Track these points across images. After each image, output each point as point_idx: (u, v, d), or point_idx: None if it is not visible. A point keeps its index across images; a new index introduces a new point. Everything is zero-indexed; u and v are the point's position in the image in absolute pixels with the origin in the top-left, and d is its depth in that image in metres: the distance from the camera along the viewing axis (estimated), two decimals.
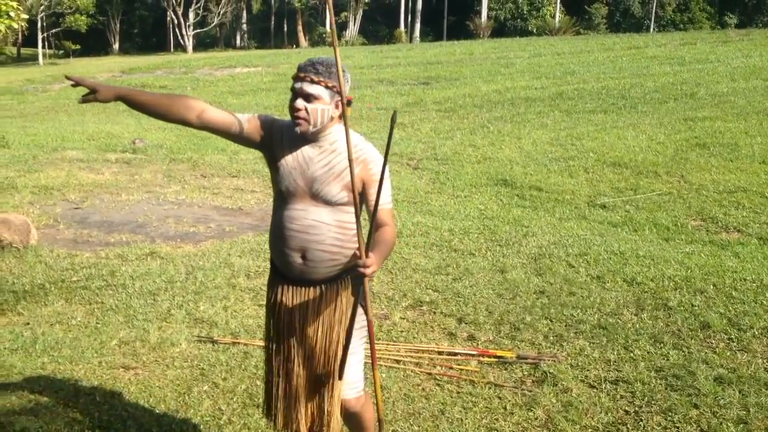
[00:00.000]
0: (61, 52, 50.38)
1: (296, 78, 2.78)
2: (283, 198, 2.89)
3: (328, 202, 2.83)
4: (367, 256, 2.65)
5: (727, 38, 27.84)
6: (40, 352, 4.75)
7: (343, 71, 2.71)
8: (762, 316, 5.19)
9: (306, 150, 2.85)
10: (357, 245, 2.88)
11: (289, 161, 2.85)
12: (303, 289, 2.95)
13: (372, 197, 2.81)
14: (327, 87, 2.74)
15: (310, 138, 2.82)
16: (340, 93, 2.72)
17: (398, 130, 15.01)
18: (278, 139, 2.88)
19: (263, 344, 3.11)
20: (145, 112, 2.81)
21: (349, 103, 2.77)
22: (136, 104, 2.79)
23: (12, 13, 13.21)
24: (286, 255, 2.90)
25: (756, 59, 21.04)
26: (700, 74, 19.10)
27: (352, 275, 2.89)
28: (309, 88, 2.74)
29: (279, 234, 2.91)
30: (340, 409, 3.00)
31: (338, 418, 3.00)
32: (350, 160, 2.69)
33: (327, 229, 2.84)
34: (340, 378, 2.92)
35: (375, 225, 2.81)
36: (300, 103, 2.75)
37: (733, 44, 25.50)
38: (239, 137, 2.87)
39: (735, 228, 7.90)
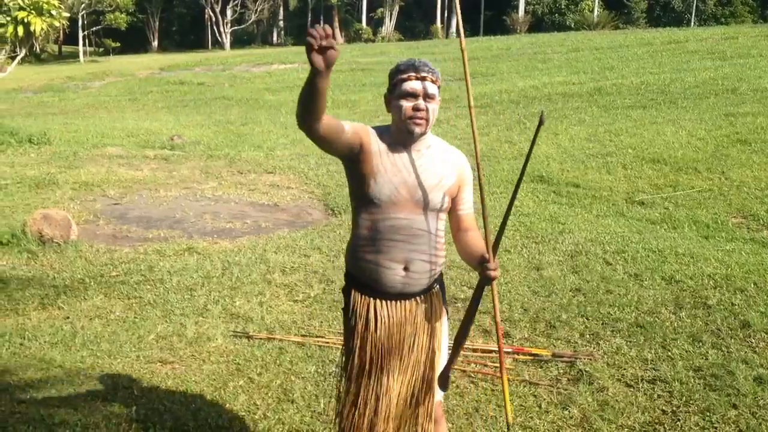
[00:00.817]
0: (101, 49, 51.10)
1: (414, 78, 2.70)
2: (378, 208, 2.73)
3: (432, 210, 2.76)
4: (493, 260, 2.63)
5: None
6: (80, 346, 4.83)
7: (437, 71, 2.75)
8: None
9: (405, 157, 2.76)
10: (444, 253, 2.87)
11: (389, 169, 2.71)
12: (400, 303, 2.81)
13: (465, 202, 2.88)
14: (438, 87, 2.74)
15: (409, 144, 2.76)
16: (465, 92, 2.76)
17: (434, 127, 14.97)
18: (376, 147, 2.74)
19: (342, 360, 2.96)
20: (317, 98, 2.45)
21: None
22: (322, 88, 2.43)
23: (54, 12, 13.44)
24: (387, 267, 2.75)
25: None
26: (741, 69, 18.74)
27: (432, 280, 2.86)
28: (431, 88, 2.70)
29: (378, 246, 2.75)
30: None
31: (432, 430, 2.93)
32: (477, 164, 2.75)
33: (429, 238, 2.77)
34: (445, 389, 2.88)
35: (464, 228, 2.88)
36: (422, 103, 2.68)
37: None
38: (341, 144, 2.69)
39: None
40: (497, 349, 4.75)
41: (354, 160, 2.75)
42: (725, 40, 25.85)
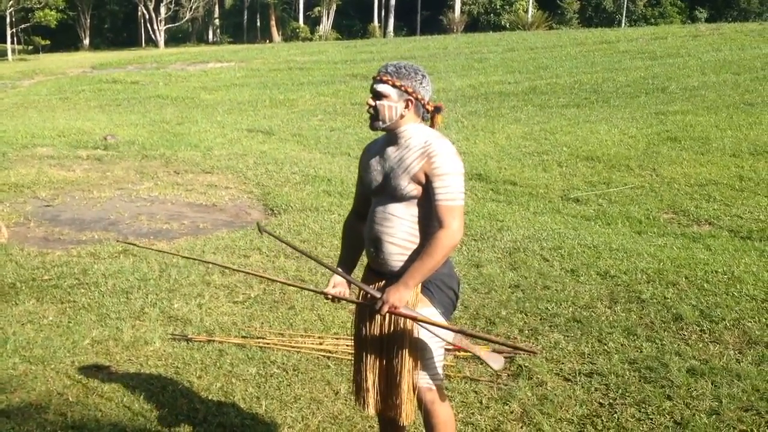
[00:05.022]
0: (30, 47, 49.65)
1: (372, 78, 3.01)
2: (370, 197, 3.11)
3: (399, 196, 2.95)
4: (383, 296, 2.88)
5: (697, 32, 28.07)
6: (11, 353, 4.69)
7: (421, 74, 2.98)
8: (733, 308, 5.25)
9: (386, 150, 3.04)
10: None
11: (372, 163, 3.08)
12: (378, 281, 3.09)
13: (437, 192, 2.89)
14: (394, 86, 2.93)
15: (391, 138, 3.02)
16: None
17: None
18: (366, 152, 3.18)
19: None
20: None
21: (438, 110, 3.05)
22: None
23: None
24: (366, 246, 3.13)
25: (726, 53, 21.27)
26: (671, 68, 19.26)
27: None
28: (378, 86, 2.95)
29: (366, 228, 3.11)
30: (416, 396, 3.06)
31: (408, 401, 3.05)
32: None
33: (399, 223, 2.97)
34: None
35: (437, 225, 2.91)
36: (370, 100, 2.98)
37: (704, 38, 25.73)
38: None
39: (706, 221, 7.98)
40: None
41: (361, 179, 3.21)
42: (655, 41, 26.53)
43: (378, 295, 2.93)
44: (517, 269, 6.28)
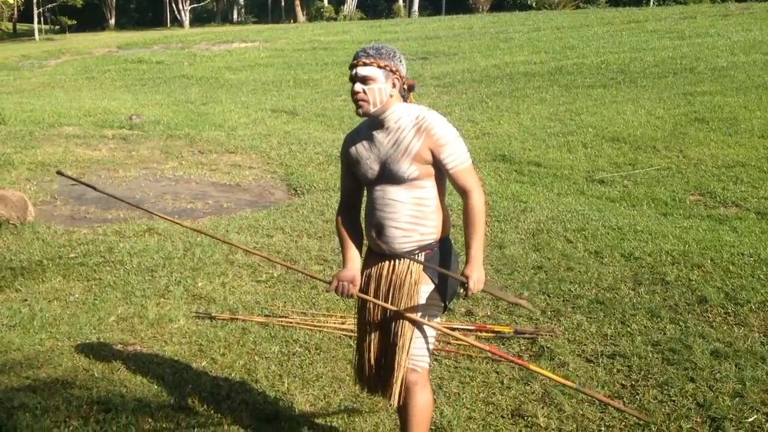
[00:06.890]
0: (57, 27, 49.98)
1: (351, 66, 2.94)
2: (366, 185, 3.09)
3: (400, 180, 2.94)
4: (468, 276, 2.89)
5: (727, 12, 27.59)
6: (38, 329, 4.77)
7: (398, 53, 2.96)
8: (759, 290, 5.19)
9: (375, 137, 3.00)
10: (435, 221, 3.01)
11: (363, 153, 3.02)
12: (380, 261, 3.08)
13: (447, 161, 2.94)
14: (379, 67, 2.89)
15: (377, 124, 2.98)
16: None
17: None
18: (350, 144, 3.07)
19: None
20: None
21: (411, 87, 3.02)
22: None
23: None
24: (368, 231, 3.09)
25: (756, 33, 20.89)
26: (699, 48, 18.97)
27: (411, 247, 3.00)
28: (362, 70, 2.90)
29: (366, 214, 3.10)
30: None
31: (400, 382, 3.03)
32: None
33: (402, 207, 2.96)
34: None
35: (459, 193, 2.98)
36: (358, 86, 2.90)
37: (734, 18, 25.29)
38: (357, 183, 3.14)
39: (733, 203, 7.88)
40: (461, 327, 4.80)
41: (348, 173, 3.15)
42: (684, 20, 26.12)
43: (464, 280, 2.91)
44: (540, 250, 6.25)
